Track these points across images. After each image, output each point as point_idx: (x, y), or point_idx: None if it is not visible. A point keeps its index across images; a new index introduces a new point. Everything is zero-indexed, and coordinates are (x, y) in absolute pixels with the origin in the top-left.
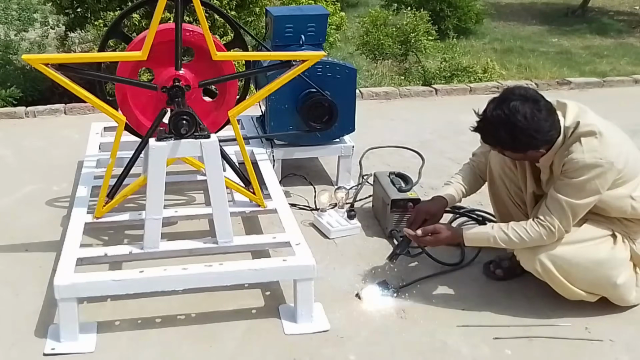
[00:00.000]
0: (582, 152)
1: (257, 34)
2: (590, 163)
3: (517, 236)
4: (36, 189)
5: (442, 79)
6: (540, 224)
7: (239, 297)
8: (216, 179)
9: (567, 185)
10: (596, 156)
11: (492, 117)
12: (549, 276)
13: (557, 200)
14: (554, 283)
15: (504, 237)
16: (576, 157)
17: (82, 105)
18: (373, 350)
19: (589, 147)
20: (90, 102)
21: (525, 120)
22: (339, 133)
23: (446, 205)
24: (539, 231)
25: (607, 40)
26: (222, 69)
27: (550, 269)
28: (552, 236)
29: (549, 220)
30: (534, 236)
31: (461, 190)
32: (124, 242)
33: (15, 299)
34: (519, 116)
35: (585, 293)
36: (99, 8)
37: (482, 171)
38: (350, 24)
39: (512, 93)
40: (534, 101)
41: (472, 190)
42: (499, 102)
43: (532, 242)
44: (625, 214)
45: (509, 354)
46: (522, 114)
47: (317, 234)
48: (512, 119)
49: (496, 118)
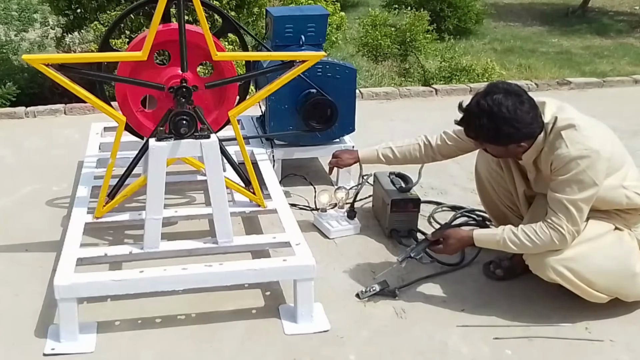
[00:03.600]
0: (566, 146)
1: (257, 34)
2: (576, 155)
3: (527, 238)
4: (36, 189)
5: (442, 79)
6: (549, 226)
7: (239, 297)
8: (216, 179)
9: (561, 183)
10: (580, 147)
11: (475, 109)
12: (565, 281)
13: (558, 200)
14: (572, 287)
15: (514, 240)
16: (562, 153)
17: (82, 105)
18: (373, 350)
19: (572, 140)
20: (90, 102)
21: (508, 112)
22: (339, 133)
23: (357, 158)
24: (549, 234)
25: (607, 41)
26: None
27: (563, 273)
28: (563, 239)
29: (556, 222)
30: (545, 239)
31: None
32: (124, 242)
33: (15, 299)
34: (503, 108)
35: (604, 295)
36: (93, 9)
37: (447, 151)
38: (351, 24)
39: (496, 87)
40: (517, 95)
41: (400, 160)
42: (482, 95)
43: (543, 245)
44: (621, 205)
45: (509, 354)
46: (505, 106)
47: (317, 234)
48: (495, 109)
49: (480, 109)
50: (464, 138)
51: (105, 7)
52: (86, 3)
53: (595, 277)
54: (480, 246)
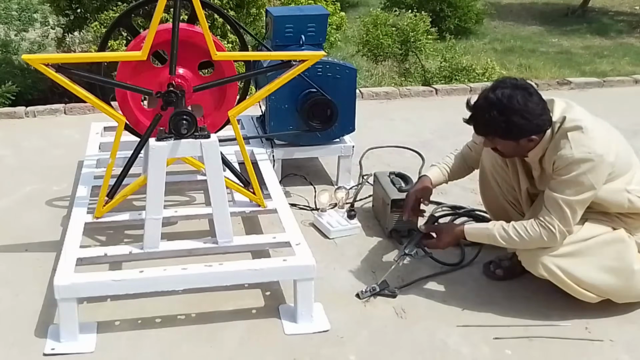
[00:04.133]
0: (570, 147)
1: (257, 34)
2: (579, 158)
3: (517, 234)
4: (36, 189)
5: (442, 78)
6: (540, 224)
7: (239, 297)
8: (216, 179)
9: (561, 183)
10: (585, 150)
11: (484, 103)
12: (555, 278)
13: (554, 199)
14: (561, 285)
15: (504, 235)
16: (565, 154)
17: (82, 105)
18: (373, 350)
19: (577, 142)
20: (90, 102)
21: (518, 103)
22: (339, 133)
23: (431, 182)
24: (539, 231)
25: (607, 40)
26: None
27: (553, 270)
28: (552, 237)
29: (548, 220)
30: (534, 236)
31: (446, 171)
32: (124, 242)
33: (15, 299)
34: (513, 100)
35: (594, 295)
36: (93, 8)
37: (474, 160)
38: (351, 24)
39: (503, 82)
40: (525, 88)
41: (456, 175)
42: (491, 90)
43: (532, 242)
44: (623, 209)
45: (509, 354)
46: (515, 98)
47: (317, 234)
48: (505, 101)
49: (489, 103)
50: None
51: (105, 7)
52: (86, 3)
53: (585, 276)
54: (471, 240)
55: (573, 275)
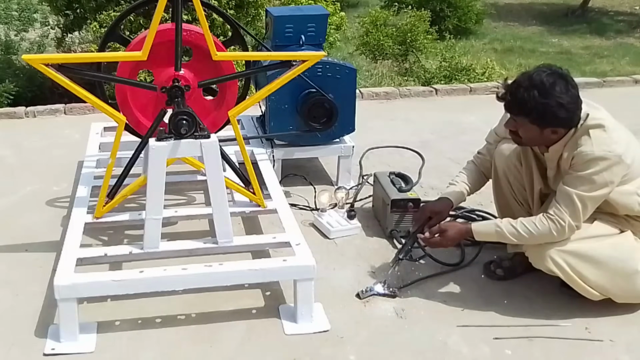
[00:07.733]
0: (590, 145)
1: (257, 34)
2: (599, 156)
3: (525, 230)
4: (36, 189)
5: (442, 78)
6: (549, 218)
7: (239, 297)
8: (216, 179)
9: (576, 178)
10: (605, 149)
11: (527, 82)
12: (563, 273)
13: (567, 193)
14: (568, 280)
15: (512, 231)
16: (585, 150)
17: (82, 105)
18: (373, 350)
19: (598, 140)
20: (90, 102)
21: (560, 92)
22: (339, 133)
23: (451, 205)
24: (548, 225)
25: (607, 41)
26: (221, 69)
27: (562, 265)
28: (561, 232)
29: (559, 215)
30: (543, 230)
31: (466, 190)
32: (124, 242)
33: (15, 299)
34: (555, 87)
35: (597, 293)
36: (92, 8)
37: (487, 168)
38: (350, 24)
39: (550, 68)
40: (568, 80)
41: (475, 188)
42: (535, 72)
43: (540, 236)
44: (632, 212)
45: (509, 354)
46: (558, 86)
47: (317, 234)
48: (548, 86)
49: (532, 83)
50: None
51: (105, 6)
52: (85, 3)
53: (591, 275)
54: (478, 239)
55: (580, 273)
